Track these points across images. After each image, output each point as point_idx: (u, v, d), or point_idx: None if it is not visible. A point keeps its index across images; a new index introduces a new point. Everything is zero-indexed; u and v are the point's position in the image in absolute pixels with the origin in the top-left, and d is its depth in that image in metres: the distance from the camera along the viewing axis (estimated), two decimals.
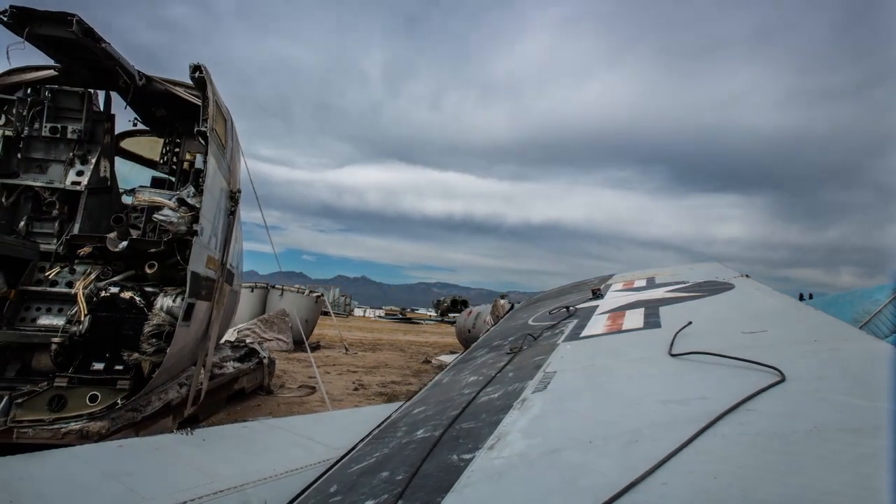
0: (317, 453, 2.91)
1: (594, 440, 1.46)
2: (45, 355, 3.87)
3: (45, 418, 3.19)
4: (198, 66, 3.77)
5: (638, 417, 1.58)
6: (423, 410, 2.43)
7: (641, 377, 2.04)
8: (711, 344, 2.19)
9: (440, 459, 1.60)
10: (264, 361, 6.37)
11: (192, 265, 3.65)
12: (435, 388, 2.98)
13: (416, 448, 1.83)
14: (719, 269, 4.96)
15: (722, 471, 1.14)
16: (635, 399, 1.79)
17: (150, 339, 3.42)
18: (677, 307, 3.39)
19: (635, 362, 2.28)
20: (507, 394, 2.16)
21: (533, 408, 1.88)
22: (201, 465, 2.61)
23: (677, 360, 2.12)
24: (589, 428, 1.58)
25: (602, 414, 1.70)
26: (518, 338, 3.67)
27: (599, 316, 3.63)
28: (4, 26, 3.56)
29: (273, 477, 2.55)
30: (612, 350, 2.59)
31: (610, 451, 1.37)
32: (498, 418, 1.84)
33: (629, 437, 1.44)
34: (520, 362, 2.75)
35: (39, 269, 4.27)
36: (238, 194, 4.64)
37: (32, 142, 4.55)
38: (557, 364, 2.47)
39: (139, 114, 5.47)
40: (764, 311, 2.89)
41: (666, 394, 1.75)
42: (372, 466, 1.81)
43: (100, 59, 4.13)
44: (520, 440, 1.59)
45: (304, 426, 3.74)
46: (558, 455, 1.42)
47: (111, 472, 2.33)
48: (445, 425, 1.94)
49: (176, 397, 4.14)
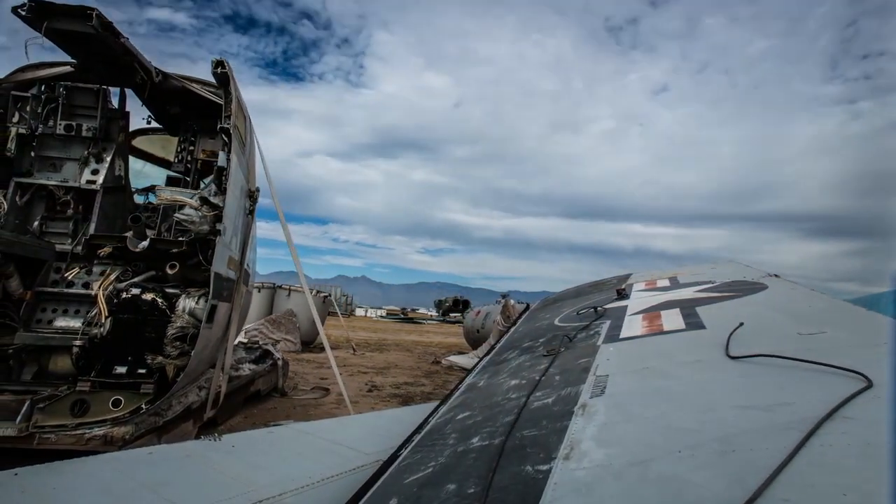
0: (350, 459, 2.82)
1: (682, 450, 1.37)
2: (63, 358, 3.78)
3: (68, 423, 3.10)
4: (220, 62, 3.68)
5: (720, 424, 1.50)
6: (469, 416, 2.34)
7: (705, 381, 1.96)
8: (768, 346, 2.10)
9: (512, 471, 1.51)
10: (278, 363, 6.28)
11: (216, 266, 3.56)
12: (473, 392, 2.89)
13: (477, 457, 1.74)
14: (742, 269, 4.88)
15: (847, 485, 1.06)
16: (707, 404, 1.71)
17: (174, 341, 3.33)
18: (714, 308, 3.30)
19: (691, 365, 2.19)
20: (562, 398, 2.08)
21: (597, 414, 1.79)
22: (236, 473, 2.52)
23: (739, 363, 2.04)
24: (669, 436, 1.49)
25: (677, 420, 1.61)
26: (550, 339, 3.59)
27: (633, 317, 3.55)
28: (23, 20, 3.46)
29: (310, 485, 2.46)
30: (660, 352, 2.51)
31: (705, 462, 1.28)
32: (562, 425, 1.75)
33: (721, 447, 1.35)
34: (563, 365, 2.67)
35: (55, 270, 4.17)
36: (257, 193, 4.55)
37: (46, 140, 4.45)
38: (606, 367, 2.39)
39: (152, 111, 5.38)
40: (810, 311, 2.80)
41: (741, 399, 1.67)
42: (431, 477, 1.72)
43: (117, 54, 4.03)
44: (596, 449, 1.50)
45: (330, 430, 3.65)
46: (647, 467, 1.33)
47: (145, 482, 2.24)
48: (504, 433, 1.85)
49: (196, 401, 4.06)
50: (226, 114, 3.71)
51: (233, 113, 3.66)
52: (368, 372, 9.33)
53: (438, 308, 52.57)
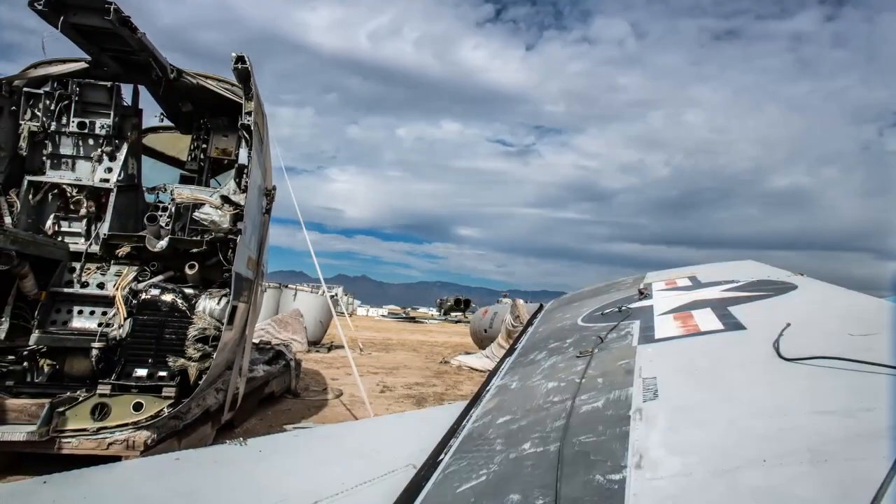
0: (380, 463, 2.74)
1: (767, 458, 1.29)
2: (79, 359, 3.70)
3: (89, 427, 3.03)
4: (241, 57, 3.59)
5: (801, 431, 1.42)
6: (511, 420, 2.26)
7: (765, 384, 1.88)
8: (820, 348, 2.02)
9: (580, 480, 1.43)
10: (291, 364, 6.20)
11: (236, 266, 3.48)
12: (507, 395, 2.81)
13: (534, 464, 1.66)
14: (763, 268, 4.80)
15: None
16: (777, 409, 1.63)
17: (195, 343, 3.25)
18: (749, 307, 3.22)
19: (743, 367, 2.11)
20: (611, 402, 2.00)
21: (657, 419, 1.71)
22: (266, 480, 2.45)
23: (796, 366, 1.96)
24: (747, 443, 1.41)
25: (748, 426, 1.53)
26: (578, 340, 3.51)
27: (663, 317, 3.46)
28: (39, 15, 3.38)
29: (343, 492, 2.39)
30: (705, 353, 2.43)
31: (800, 473, 1.20)
32: (622, 431, 1.67)
33: (809, 455, 1.27)
34: (601, 367, 2.59)
35: (69, 270, 4.10)
36: (273, 191, 4.47)
37: (59, 137, 4.37)
38: (650, 369, 2.31)
39: (164, 109, 5.30)
40: (854, 311, 2.72)
41: (814, 403, 1.59)
42: (488, 486, 1.64)
43: (133, 50, 3.95)
44: (669, 457, 1.42)
45: (355, 434, 3.58)
46: (734, 477, 1.25)
47: (177, 489, 2.17)
48: (557, 438, 1.77)
49: (214, 403, 3.98)
50: (247, 110, 3.63)
51: (254, 109, 3.59)
52: (378, 372, 9.26)
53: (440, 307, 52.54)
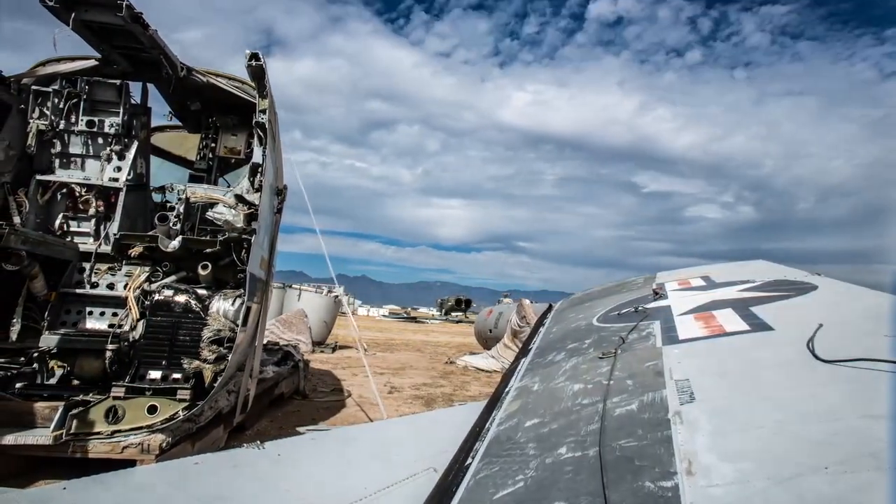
0: (400, 466, 2.69)
1: (829, 466, 1.25)
2: (90, 360, 3.65)
3: (103, 431, 2.97)
4: (255, 54, 3.54)
5: (858, 437, 1.37)
6: (541, 423, 2.21)
7: (807, 386, 1.83)
8: (857, 349, 1.97)
9: (628, 487, 1.39)
10: (299, 364, 6.15)
11: (250, 266, 3.43)
12: (530, 397, 2.76)
13: (574, 470, 1.61)
14: (777, 268, 4.75)
15: None
16: (826, 413, 1.58)
17: (210, 345, 3.20)
18: (772, 308, 3.17)
19: (779, 369, 2.06)
20: (645, 405, 1.95)
21: (699, 422, 1.66)
22: (287, 485, 2.41)
23: (836, 368, 1.91)
24: (802, 449, 1.36)
25: (800, 431, 1.48)
26: (597, 340, 3.46)
27: (684, 317, 3.41)
28: (50, 11, 3.32)
29: (366, 497, 2.34)
30: (734, 354, 2.38)
31: (867, 482, 1.16)
32: (663, 435, 1.62)
33: (873, 462, 1.22)
34: (627, 368, 2.53)
35: (78, 270, 4.04)
36: (285, 190, 4.42)
37: (68, 136, 4.32)
38: (681, 371, 2.26)
39: (172, 107, 5.25)
40: (883, 311, 2.67)
41: (866, 407, 1.54)
42: (528, 493, 1.59)
43: (143, 47, 3.90)
44: (721, 464, 1.37)
45: (371, 436, 3.54)
46: (797, 484, 1.20)
47: (200, 495, 2.12)
48: (594, 443, 1.72)
49: (226, 406, 3.93)
50: (261, 108, 3.58)
51: (269, 107, 3.53)
52: (385, 373, 9.21)
53: (441, 307, 52.49)
